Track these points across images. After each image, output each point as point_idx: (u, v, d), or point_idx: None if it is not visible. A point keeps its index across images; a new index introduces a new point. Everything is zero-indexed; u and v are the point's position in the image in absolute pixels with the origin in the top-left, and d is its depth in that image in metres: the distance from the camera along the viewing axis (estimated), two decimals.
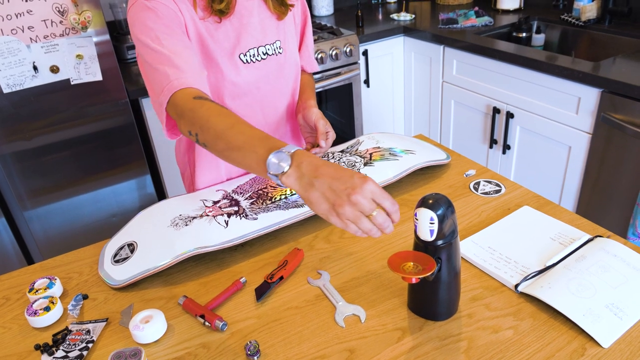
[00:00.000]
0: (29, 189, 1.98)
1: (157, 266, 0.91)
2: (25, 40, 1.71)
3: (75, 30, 1.76)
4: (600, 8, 2.23)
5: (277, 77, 1.15)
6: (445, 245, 0.72)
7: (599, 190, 1.86)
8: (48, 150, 1.95)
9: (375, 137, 1.26)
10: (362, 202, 0.67)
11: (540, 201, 1.05)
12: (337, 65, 2.37)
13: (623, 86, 1.64)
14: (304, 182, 0.70)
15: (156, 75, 0.93)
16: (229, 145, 0.80)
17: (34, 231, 2.07)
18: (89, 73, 1.84)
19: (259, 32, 1.09)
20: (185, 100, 0.88)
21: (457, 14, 2.53)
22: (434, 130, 2.61)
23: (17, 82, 1.75)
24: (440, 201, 0.70)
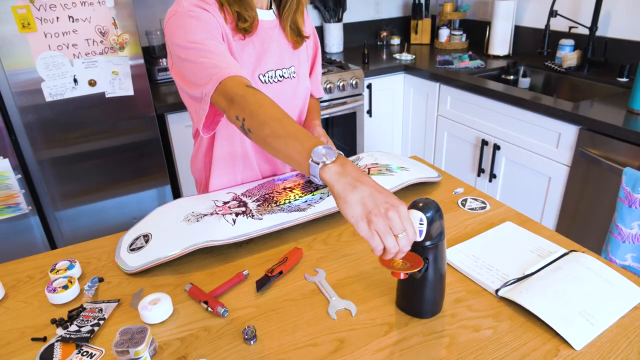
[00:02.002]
0: (61, 192, 1.97)
1: (168, 255, 0.89)
2: (69, 56, 1.73)
3: (114, 49, 1.79)
4: (580, 57, 2.24)
5: (290, 99, 1.16)
6: (432, 247, 0.71)
7: (576, 218, 1.83)
8: (81, 157, 1.95)
9: (374, 155, 1.25)
10: (396, 220, 0.63)
11: (521, 218, 1.04)
12: (343, 95, 2.38)
13: (599, 124, 1.64)
14: (345, 181, 0.66)
15: (201, 68, 0.89)
16: (275, 132, 0.76)
17: (63, 230, 2.06)
18: (122, 88, 1.86)
19: (277, 56, 1.10)
20: (237, 87, 0.84)
21: (453, 56, 2.55)
22: (428, 157, 2.60)
23: (59, 92, 1.77)
24: (430, 205, 0.69)
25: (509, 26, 2.53)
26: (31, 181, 1.91)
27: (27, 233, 1.97)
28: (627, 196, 1.52)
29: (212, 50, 0.90)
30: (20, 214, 1.89)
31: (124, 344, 0.67)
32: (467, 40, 2.88)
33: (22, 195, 1.85)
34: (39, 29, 1.66)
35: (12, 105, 1.75)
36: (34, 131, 1.81)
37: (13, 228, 1.92)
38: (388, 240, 0.63)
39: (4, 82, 1.70)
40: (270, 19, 1.08)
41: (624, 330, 0.72)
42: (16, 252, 1.96)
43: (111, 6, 1.74)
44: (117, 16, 1.76)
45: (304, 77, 1.18)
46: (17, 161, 1.81)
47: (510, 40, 2.56)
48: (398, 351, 0.70)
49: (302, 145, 0.72)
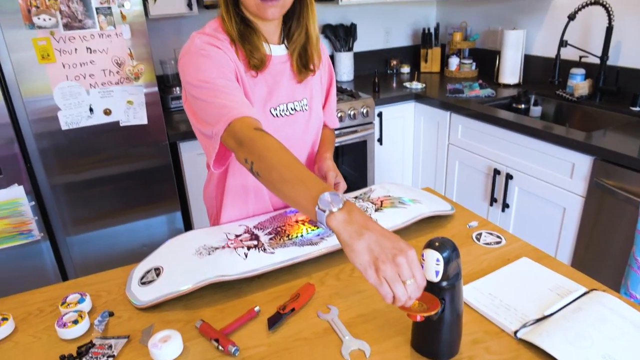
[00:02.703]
0: (73, 217, 1.98)
1: (179, 290, 0.88)
2: (86, 86, 1.77)
3: (129, 79, 1.82)
4: (592, 86, 2.23)
5: (303, 131, 1.16)
6: (449, 287, 0.69)
7: (592, 249, 1.80)
8: (94, 183, 1.97)
9: (386, 187, 1.24)
10: (404, 266, 0.62)
11: (538, 254, 1.01)
12: (354, 123, 2.39)
13: (613, 155, 1.62)
14: (351, 229, 0.66)
15: (212, 107, 0.90)
16: (283, 178, 0.77)
17: (73, 255, 2.06)
18: (137, 117, 1.88)
19: (289, 90, 1.10)
20: (245, 130, 0.85)
21: (463, 85, 2.56)
22: (439, 186, 2.58)
23: (75, 121, 1.79)
24: (447, 244, 0.68)
25: (519, 55, 2.54)
26: (44, 207, 1.93)
27: (37, 258, 1.97)
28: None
29: (223, 89, 0.91)
30: (32, 241, 1.90)
31: None
32: (477, 69, 2.89)
33: (35, 222, 1.86)
34: (58, 59, 1.70)
35: (29, 131, 1.77)
36: (48, 157, 1.83)
37: (24, 253, 1.93)
38: (397, 288, 0.63)
39: (21, 109, 1.74)
40: (282, 54, 1.09)
41: None
42: (26, 277, 1.96)
43: (128, 38, 1.78)
44: (133, 47, 1.80)
45: (316, 109, 1.18)
46: (30, 187, 1.83)
47: (520, 69, 2.57)
48: None
49: (309, 192, 0.72)
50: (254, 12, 0.99)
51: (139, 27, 1.79)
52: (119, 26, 1.76)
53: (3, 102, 1.69)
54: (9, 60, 1.66)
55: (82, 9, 1.68)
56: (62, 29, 1.67)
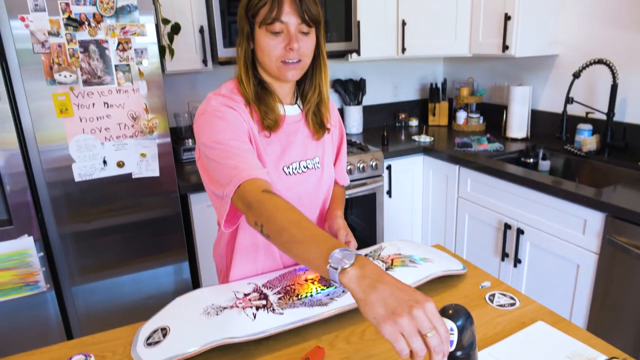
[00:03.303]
0: (80, 266, 1.98)
1: (186, 353, 0.86)
2: (101, 139, 1.81)
3: (143, 132, 1.87)
4: (599, 142, 2.25)
5: (315, 189, 1.17)
6: (464, 357, 0.67)
7: (608, 308, 1.74)
8: (102, 233, 1.98)
9: (397, 244, 1.23)
10: (422, 319, 0.60)
11: (554, 317, 0.99)
12: (363, 176, 2.41)
13: (625, 212, 1.60)
14: (365, 283, 0.64)
15: (223, 168, 0.93)
16: (293, 238, 0.77)
17: (78, 306, 2.04)
18: (149, 169, 1.91)
19: (302, 148, 1.13)
20: (254, 192, 0.87)
21: (471, 139, 2.59)
22: (449, 240, 2.56)
23: (88, 173, 1.83)
24: (460, 312, 0.66)
25: (526, 110, 2.59)
26: (52, 256, 1.93)
27: (41, 309, 1.95)
28: None
29: (235, 150, 0.94)
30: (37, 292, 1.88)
31: None
32: (484, 123, 2.94)
33: (42, 273, 1.86)
34: (76, 113, 1.76)
35: (42, 180, 1.81)
36: (59, 207, 1.85)
37: (28, 304, 1.91)
38: (415, 342, 0.59)
39: (36, 158, 1.78)
40: (295, 114, 1.12)
41: None
42: (30, 328, 1.93)
43: (144, 93, 1.84)
44: (149, 101, 1.86)
45: (328, 167, 1.20)
46: (40, 236, 1.84)
47: (528, 123, 2.61)
48: None
49: (319, 250, 0.72)
50: (274, 74, 1.03)
51: (155, 83, 1.86)
52: (136, 82, 1.82)
53: (19, 150, 1.73)
54: (27, 110, 1.72)
55: (102, 66, 1.75)
56: (82, 84, 1.74)
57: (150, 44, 1.82)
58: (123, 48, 1.77)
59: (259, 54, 1.03)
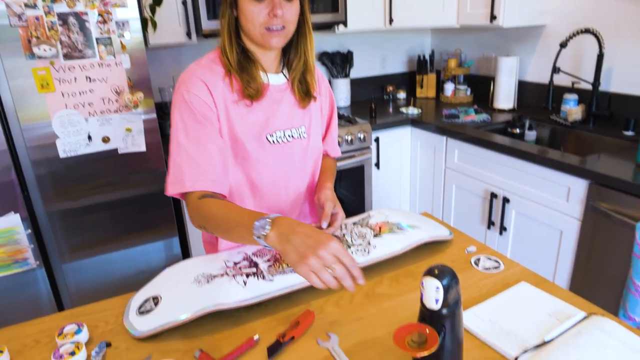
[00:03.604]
0: (69, 244, 1.98)
1: (177, 320, 0.88)
2: (85, 114, 1.79)
3: (128, 107, 1.84)
4: (584, 111, 2.28)
5: (301, 158, 1.17)
6: (449, 314, 0.69)
7: (590, 272, 1.80)
8: (90, 210, 1.97)
9: (385, 212, 1.25)
10: (326, 256, 0.74)
11: (537, 278, 1.02)
12: (351, 149, 2.42)
13: (608, 179, 1.64)
14: (281, 239, 0.78)
15: (174, 165, 1.01)
16: (228, 226, 0.90)
17: (69, 283, 2.04)
18: (135, 144, 1.90)
19: (287, 117, 1.12)
20: (192, 202, 0.98)
21: (459, 110, 2.60)
22: (436, 210, 2.60)
23: (73, 149, 1.81)
24: (446, 272, 0.68)
25: (513, 81, 2.59)
26: (40, 234, 1.92)
27: (32, 287, 1.95)
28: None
29: (189, 150, 1.00)
30: (27, 269, 1.88)
31: None
32: (471, 94, 2.94)
33: (31, 250, 1.85)
34: (57, 89, 1.72)
35: (26, 159, 1.78)
36: (45, 185, 1.84)
37: (19, 281, 1.91)
38: (323, 276, 0.74)
39: (19, 136, 1.75)
40: (280, 82, 1.12)
41: None
42: (21, 306, 1.94)
43: (127, 67, 1.81)
44: (133, 75, 1.83)
45: (315, 137, 1.20)
46: (27, 214, 1.83)
47: (515, 94, 2.62)
48: None
49: (246, 228, 0.84)
50: (258, 41, 1.02)
51: (138, 56, 1.83)
52: (119, 56, 1.79)
53: (1, 129, 1.70)
54: (8, 88, 1.68)
55: (83, 39, 1.71)
56: (62, 58, 1.70)
57: (132, 17, 1.78)
58: (104, 20, 1.73)
59: (242, 21, 1.02)
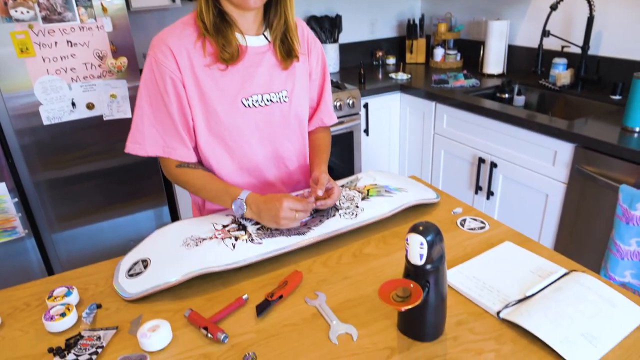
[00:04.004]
0: (58, 214, 1.97)
1: (167, 282, 0.89)
2: (67, 80, 1.75)
3: (112, 73, 1.80)
4: (573, 75, 2.27)
5: (281, 123, 1.15)
6: (433, 270, 0.71)
7: (575, 235, 1.84)
8: (78, 179, 1.95)
9: (373, 175, 1.25)
10: (287, 215, 0.97)
11: (521, 238, 1.04)
12: (340, 115, 2.41)
13: (594, 142, 1.66)
14: (255, 214, 1.01)
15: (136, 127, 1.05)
16: (207, 197, 1.08)
17: (60, 253, 2.05)
18: (120, 111, 1.87)
19: (266, 81, 1.10)
20: (168, 167, 1.09)
21: (448, 75, 2.59)
22: (425, 176, 2.62)
23: (57, 116, 1.78)
24: (430, 228, 0.69)
25: (503, 46, 2.57)
26: (27, 204, 1.91)
27: (23, 256, 1.95)
28: (624, 213, 1.53)
29: (150, 117, 1.04)
30: (16, 238, 1.88)
31: None
32: (461, 59, 2.92)
33: (19, 219, 1.84)
34: (38, 53, 1.68)
35: (9, 128, 1.75)
36: (31, 154, 1.81)
37: (9, 251, 1.91)
38: (293, 225, 1.00)
39: (0, 105, 1.71)
40: (260, 44, 1.09)
41: (627, 351, 0.72)
42: (12, 275, 1.95)
43: (109, 30, 1.76)
44: (115, 40, 1.79)
45: (298, 102, 1.16)
46: (13, 184, 1.81)
47: (504, 59, 2.61)
48: None
49: (225, 203, 1.05)
50: (235, 2, 0.99)
51: (120, 20, 1.78)
52: (100, 19, 1.74)
53: None
54: None
55: (61, 1, 1.66)
56: (41, 22, 1.65)
57: None
58: None
59: None
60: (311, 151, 1.26)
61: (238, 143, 1.10)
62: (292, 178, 1.24)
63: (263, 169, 1.17)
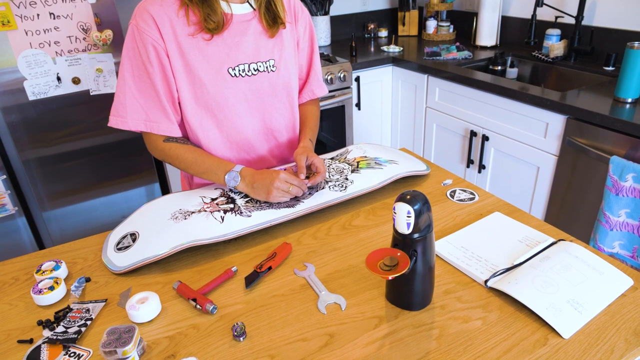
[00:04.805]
0: (48, 192, 1.95)
1: (156, 255, 0.88)
2: (51, 54, 1.70)
3: (97, 46, 1.76)
4: (566, 47, 2.25)
5: (269, 93, 1.13)
6: (420, 239, 0.71)
7: (565, 207, 1.85)
8: (68, 157, 1.93)
9: (363, 147, 1.25)
10: (281, 186, 0.98)
11: (510, 208, 1.04)
12: (331, 88, 2.38)
13: (586, 113, 1.65)
14: (249, 187, 1.01)
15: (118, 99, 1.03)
16: (197, 171, 1.05)
17: (51, 231, 2.04)
18: (107, 85, 1.83)
19: (252, 50, 1.08)
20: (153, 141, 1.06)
21: (441, 47, 2.55)
22: (417, 149, 2.61)
23: (42, 91, 1.74)
24: (418, 197, 0.69)
25: (496, 17, 2.53)
26: (17, 182, 1.89)
27: (14, 235, 1.94)
28: (614, 184, 1.53)
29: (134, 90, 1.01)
30: (6, 215, 1.86)
31: (111, 344, 0.66)
32: (454, 32, 2.88)
33: (8, 196, 1.83)
34: (20, 26, 1.63)
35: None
36: (18, 131, 1.78)
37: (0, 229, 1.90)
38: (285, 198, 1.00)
39: None
40: (245, 12, 1.06)
41: (612, 318, 0.73)
42: (4, 254, 1.94)
43: (93, 2, 1.71)
44: (100, 12, 1.74)
45: (285, 71, 1.14)
46: (1, 161, 1.78)
47: (497, 30, 2.57)
48: (388, 344, 0.70)
49: (217, 176, 1.03)
50: None
51: None
52: None
53: None
54: None
55: None
56: None
57: None
58: None
59: None
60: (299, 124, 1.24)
61: (226, 114, 1.08)
62: (283, 151, 1.23)
63: (252, 142, 1.16)
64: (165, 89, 1.02)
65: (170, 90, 1.03)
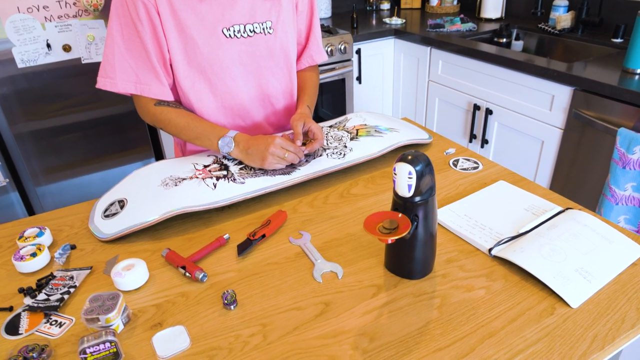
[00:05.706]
0: (42, 167, 1.90)
1: (144, 222, 0.84)
2: (40, 19, 1.63)
3: (88, 12, 1.69)
4: (574, 18, 2.17)
5: (265, 56, 1.07)
6: (422, 203, 0.66)
7: (569, 182, 1.80)
8: (62, 130, 1.87)
9: (363, 115, 1.19)
10: (276, 152, 0.94)
11: (515, 177, 0.99)
12: (332, 61, 2.30)
13: (594, 84, 1.59)
14: (243, 153, 0.96)
15: (107, 60, 0.97)
16: (190, 136, 1.00)
17: (46, 206, 2.00)
18: (99, 53, 1.77)
19: (248, 10, 1.02)
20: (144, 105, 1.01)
21: (444, 19, 2.47)
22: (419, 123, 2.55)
23: (31, 58, 1.68)
24: (420, 158, 0.64)
25: None
26: (9, 156, 1.84)
27: (8, 210, 1.90)
28: (621, 157, 1.48)
29: (123, 51, 0.96)
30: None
31: (94, 310, 0.63)
32: (458, 4, 2.79)
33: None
34: None
35: None
36: (9, 103, 1.72)
37: None
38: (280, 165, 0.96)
39: None
40: None
41: (622, 287, 0.69)
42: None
43: None
44: None
45: (283, 34, 1.08)
46: None
47: (503, 2, 2.48)
48: (387, 313, 0.66)
49: (210, 142, 0.99)
50: None
51: None
52: None
53: None
54: None
55: None
56: None
57: None
58: None
59: None
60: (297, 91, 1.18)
61: (220, 77, 1.02)
62: (279, 118, 1.18)
63: (247, 108, 1.10)
64: (156, 49, 0.96)
65: (162, 50, 0.97)
